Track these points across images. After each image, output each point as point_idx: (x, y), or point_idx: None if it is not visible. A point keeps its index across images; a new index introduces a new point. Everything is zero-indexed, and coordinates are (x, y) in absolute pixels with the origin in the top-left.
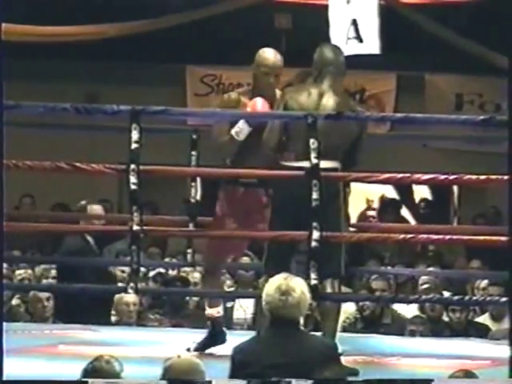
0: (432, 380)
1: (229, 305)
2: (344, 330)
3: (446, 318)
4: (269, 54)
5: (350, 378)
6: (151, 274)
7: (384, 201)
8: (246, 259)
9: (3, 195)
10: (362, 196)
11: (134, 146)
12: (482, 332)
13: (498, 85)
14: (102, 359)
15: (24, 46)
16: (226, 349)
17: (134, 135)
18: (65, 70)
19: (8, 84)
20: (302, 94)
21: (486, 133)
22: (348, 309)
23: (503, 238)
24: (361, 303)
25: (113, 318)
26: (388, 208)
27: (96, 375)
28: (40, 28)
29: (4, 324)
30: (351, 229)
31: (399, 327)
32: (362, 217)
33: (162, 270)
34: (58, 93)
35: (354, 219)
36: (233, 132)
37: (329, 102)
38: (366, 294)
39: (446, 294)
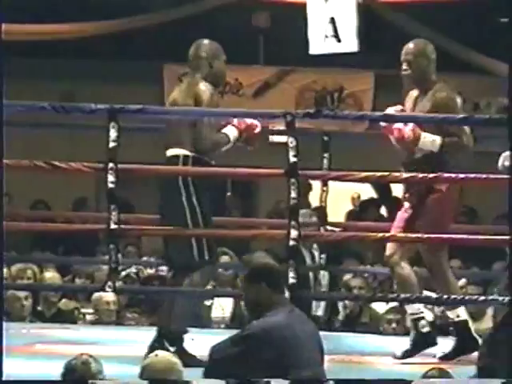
0: (410, 381)
1: (207, 303)
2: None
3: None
4: None
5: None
6: (124, 272)
7: (363, 200)
8: (225, 258)
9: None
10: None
11: (111, 144)
12: None
13: (476, 83)
14: (80, 358)
15: None
16: (202, 348)
17: (112, 134)
18: (41, 68)
19: None
20: None
21: None
22: None
23: (481, 237)
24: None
25: (91, 317)
26: (368, 207)
27: (75, 374)
28: (16, 26)
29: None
30: (330, 227)
31: (377, 326)
32: (350, 216)
33: (134, 270)
34: (33, 91)
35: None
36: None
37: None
38: (345, 292)
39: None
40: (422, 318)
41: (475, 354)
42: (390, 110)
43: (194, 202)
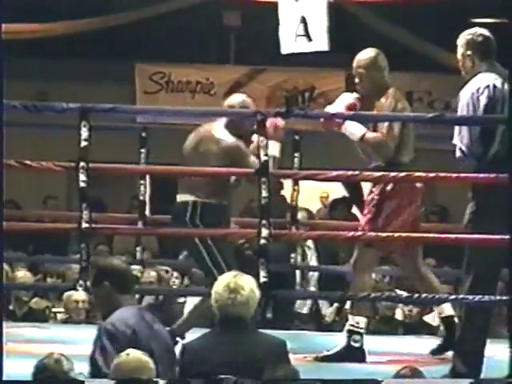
0: (381, 381)
1: (181, 300)
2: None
3: (399, 317)
4: None
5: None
6: None
7: (334, 199)
8: None
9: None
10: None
11: (83, 143)
12: (433, 330)
13: (447, 83)
14: (51, 357)
15: None
16: (176, 347)
17: (84, 133)
18: (14, 68)
19: None
20: None
21: (435, 130)
22: None
23: (453, 236)
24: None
25: (62, 316)
26: (338, 206)
27: (46, 373)
28: None
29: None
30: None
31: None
32: (319, 214)
33: None
34: (7, 90)
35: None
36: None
37: None
38: (317, 291)
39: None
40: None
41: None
42: (347, 97)
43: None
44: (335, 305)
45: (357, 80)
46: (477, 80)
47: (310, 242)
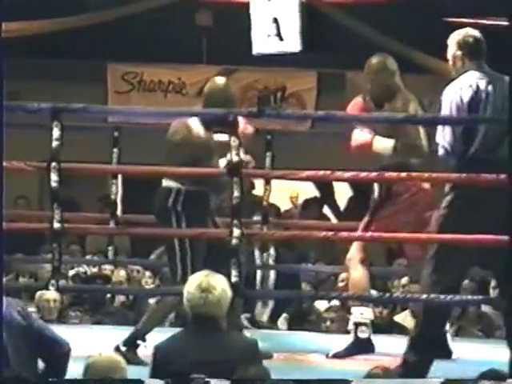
0: (351, 381)
1: (151, 301)
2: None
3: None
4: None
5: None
6: (71, 272)
7: (306, 198)
8: None
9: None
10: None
11: (55, 143)
12: (404, 330)
13: (419, 82)
14: None
15: None
16: (147, 346)
17: (56, 133)
18: None
19: None
20: None
21: None
22: None
23: (422, 236)
24: None
25: (34, 315)
26: (310, 206)
27: None
28: None
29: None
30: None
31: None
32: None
33: (82, 270)
34: None
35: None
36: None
37: None
38: (288, 290)
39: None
40: None
41: None
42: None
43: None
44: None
45: (368, 85)
46: (461, 79)
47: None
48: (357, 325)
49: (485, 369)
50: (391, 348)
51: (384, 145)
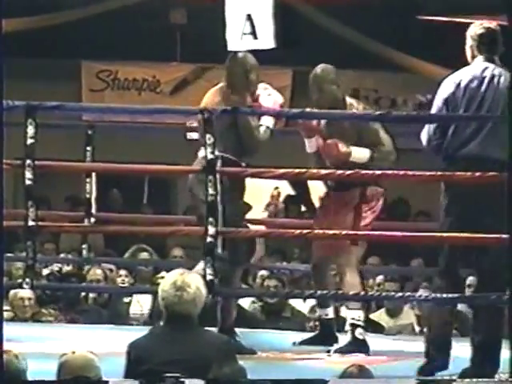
0: (327, 380)
1: (126, 300)
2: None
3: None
4: None
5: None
6: (45, 271)
7: (288, 195)
8: (144, 255)
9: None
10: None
11: (29, 141)
12: (379, 329)
13: (393, 80)
14: (10, 354)
15: None
16: (122, 344)
17: (30, 130)
18: None
19: None
20: None
21: None
22: None
23: (399, 234)
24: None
25: (8, 314)
26: (289, 204)
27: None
28: None
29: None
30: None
31: (299, 322)
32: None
33: (56, 268)
34: None
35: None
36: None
37: None
38: (262, 289)
39: None
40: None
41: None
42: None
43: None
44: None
45: (315, 95)
46: (457, 72)
47: None
48: (354, 326)
49: (459, 367)
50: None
51: (361, 155)
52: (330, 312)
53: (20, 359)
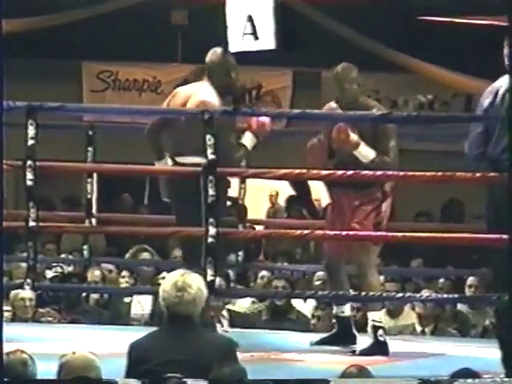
0: (330, 380)
1: (127, 300)
2: (250, 320)
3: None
4: None
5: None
6: (49, 274)
7: (290, 195)
8: (145, 255)
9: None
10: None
11: (30, 142)
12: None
13: (394, 81)
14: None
15: None
16: (123, 345)
17: (31, 131)
18: None
19: None
20: None
21: None
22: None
23: (399, 234)
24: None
25: (8, 314)
26: (291, 205)
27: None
28: None
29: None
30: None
31: (303, 323)
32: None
33: (59, 269)
34: None
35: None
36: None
37: None
38: (263, 289)
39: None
40: None
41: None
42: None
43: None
44: None
45: (337, 92)
46: (501, 79)
47: None
48: (375, 328)
49: (460, 367)
50: (361, 347)
51: (367, 153)
52: (346, 310)
53: (32, 362)
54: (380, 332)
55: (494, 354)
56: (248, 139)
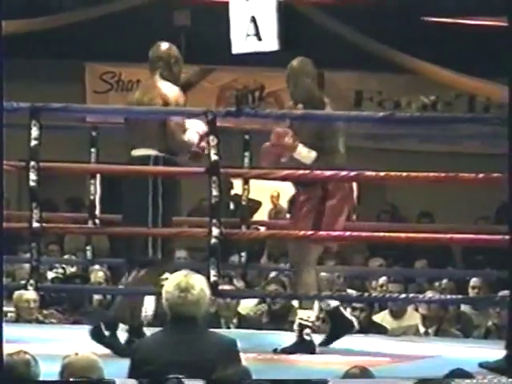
0: (327, 381)
1: None
2: (250, 322)
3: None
4: None
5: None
6: (50, 275)
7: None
8: None
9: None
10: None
11: (33, 143)
12: (382, 330)
13: (397, 82)
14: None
15: None
16: None
17: (34, 132)
18: None
19: None
20: None
21: (385, 130)
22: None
23: (402, 235)
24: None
25: (12, 315)
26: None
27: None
28: None
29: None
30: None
31: None
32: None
33: (61, 270)
34: None
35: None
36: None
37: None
38: (264, 290)
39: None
40: None
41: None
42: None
43: (159, 202)
44: None
45: (290, 87)
46: None
47: None
48: (301, 326)
49: (459, 367)
50: (369, 348)
51: (307, 154)
52: (330, 302)
53: (35, 363)
54: (307, 331)
55: (497, 354)
56: (192, 136)
